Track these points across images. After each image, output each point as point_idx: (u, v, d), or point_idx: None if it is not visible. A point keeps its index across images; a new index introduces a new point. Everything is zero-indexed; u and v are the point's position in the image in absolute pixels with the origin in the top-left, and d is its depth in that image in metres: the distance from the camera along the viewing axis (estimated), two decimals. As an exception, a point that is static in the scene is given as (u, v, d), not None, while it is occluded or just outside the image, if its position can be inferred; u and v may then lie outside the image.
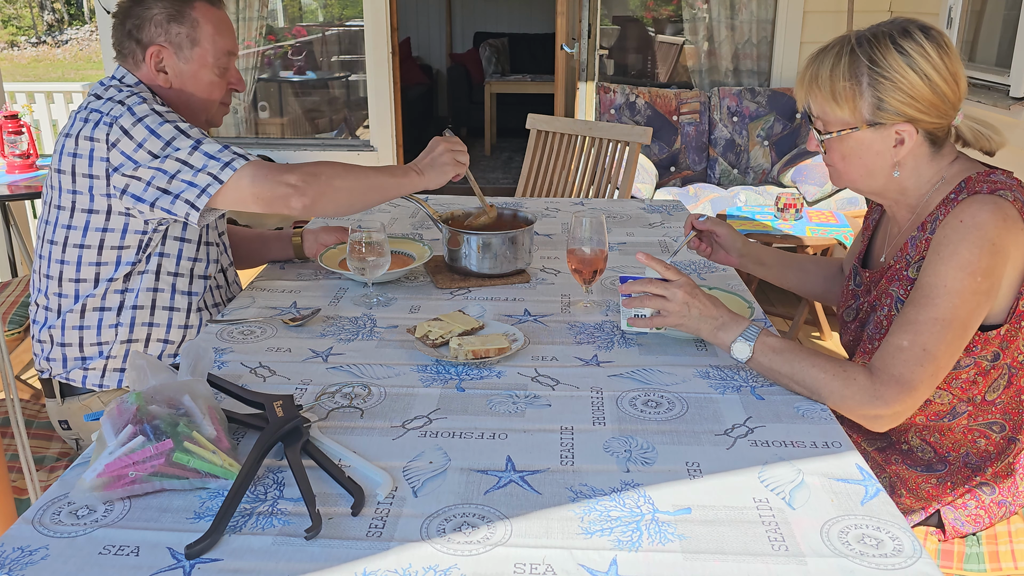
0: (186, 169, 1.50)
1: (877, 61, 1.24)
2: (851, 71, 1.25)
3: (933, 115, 1.26)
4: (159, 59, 1.61)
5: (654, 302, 1.35)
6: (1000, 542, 1.36)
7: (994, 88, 3.41)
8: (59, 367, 1.65)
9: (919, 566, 0.90)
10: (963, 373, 1.30)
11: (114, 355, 1.65)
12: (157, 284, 1.64)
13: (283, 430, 1.11)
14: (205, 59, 1.63)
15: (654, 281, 1.35)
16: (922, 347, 1.20)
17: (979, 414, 1.34)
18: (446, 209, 1.92)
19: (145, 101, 1.54)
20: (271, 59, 5.47)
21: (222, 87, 1.69)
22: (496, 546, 0.94)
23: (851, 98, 1.26)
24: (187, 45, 1.61)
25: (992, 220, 1.19)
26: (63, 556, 0.91)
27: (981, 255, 1.19)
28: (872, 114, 1.26)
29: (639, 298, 1.37)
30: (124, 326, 1.63)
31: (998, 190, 1.22)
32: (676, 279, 1.34)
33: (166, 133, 1.50)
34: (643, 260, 1.38)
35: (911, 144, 1.27)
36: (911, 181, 1.32)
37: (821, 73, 1.28)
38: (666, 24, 6.42)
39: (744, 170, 4.44)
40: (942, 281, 1.20)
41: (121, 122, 1.50)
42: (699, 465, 1.10)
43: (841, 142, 1.31)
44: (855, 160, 1.32)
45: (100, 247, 1.58)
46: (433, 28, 8.46)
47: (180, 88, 1.64)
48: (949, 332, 1.20)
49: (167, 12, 1.59)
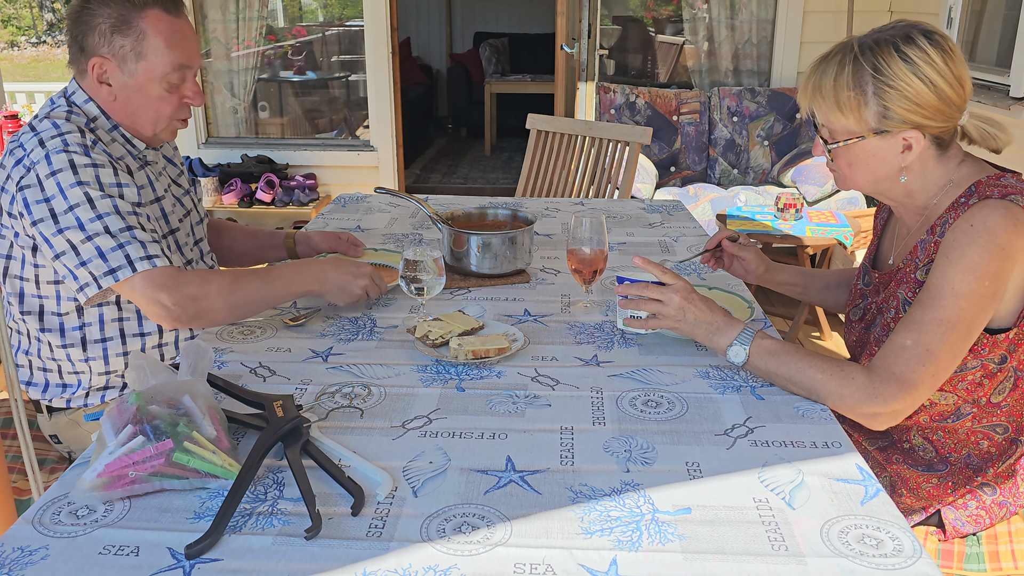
0: (71, 255, 1.40)
1: (881, 70, 1.23)
2: (855, 80, 1.24)
3: (939, 120, 1.25)
4: (102, 71, 1.50)
5: (650, 306, 1.36)
6: (1000, 542, 1.36)
7: (994, 88, 3.41)
8: (40, 392, 1.62)
9: (919, 566, 0.90)
10: (969, 375, 1.30)
11: (95, 384, 1.61)
12: (121, 314, 1.58)
13: (283, 430, 1.11)
14: (152, 73, 1.50)
15: (650, 286, 1.36)
16: (925, 347, 1.20)
17: (984, 416, 1.34)
18: (446, 209, 1.92)
19: (65, 149, 1.42)
20: (271, 59, 5.47)
21: (173, 102, 1.56)
22: (496, 546, 0.94)
23: (856, 107, 1.25)
24: (131, 59, 1.49)
25: (1003, 225, 1.19)
26: (63, 556, 0.91)
27: (990, 259, 1.18)
28: (878, 122, 1.25)
29: (635, 300, 1.37)
30: (97, 359, 1.58)
31: (1009, 195, 1.22)
32: (673, 283, 1.34)
33: (73, 198, 1.40)
34: (640, 264, 1.38)
35: (918, 150, 1.27)
36: (918, 184, 1.32)
37: (824, 83, 1.27)
38: (666, 24, 6.42)
39: (744, 170, 4.44)
40: (949, 283, 1.20)
41: (37, 169, 1.42)
42: (699, 465, 1.10)
43: (848, 150, 1.30)
44: (862, 167, 1.31)
45: (37, 281, 1.53)
46: (433, 28, 8.46)
47: (125, 101, 1.53)
48: (953, 334, 1.20)
49: (111, 22, 1.47)
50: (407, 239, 2.11)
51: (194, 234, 1.76)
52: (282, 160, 4.79)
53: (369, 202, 2.50)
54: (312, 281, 1.54)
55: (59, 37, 14.65)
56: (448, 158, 7.23)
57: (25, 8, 15.03)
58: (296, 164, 4.81)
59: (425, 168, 6.81)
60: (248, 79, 4.95)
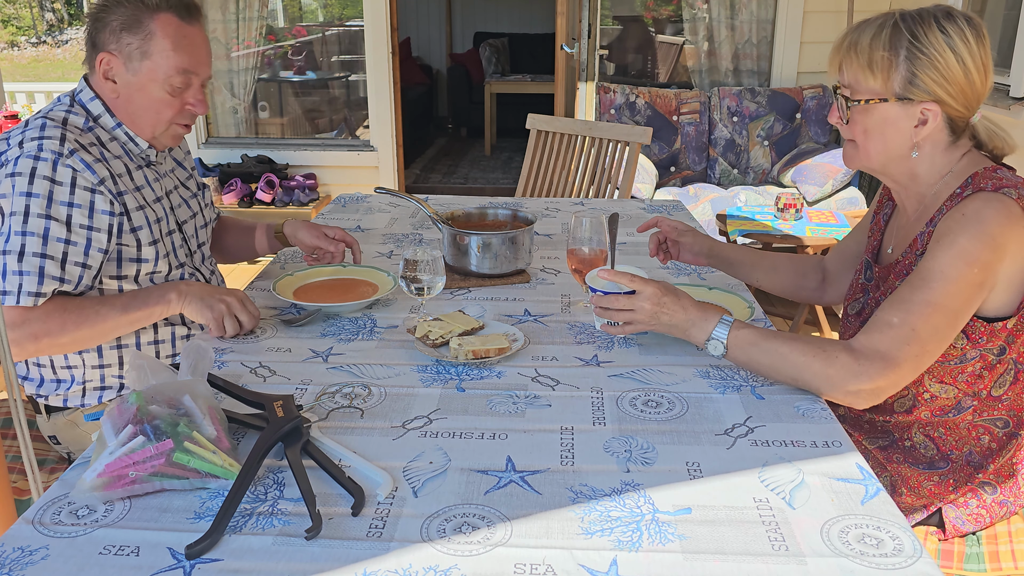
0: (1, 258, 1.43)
1: (919, 36, 1.26)
2: (892, 42, 1.27)
3: (960, 101, 1.27)
4: (108, 67, 1.53)
5: (622, 316, 1.36)
6: (1000, 542, 1.37)
7: (994, 88, 3.41)
8: (36, 387, 1.62)
9: (919, 566, 0.90)
10: (969, 367, 1.30)
11: (89, 379, 1.61)
12: None
13: (283, 430, 1.11)
14: (155, 74, 1.52)
15: (620, 298, 1.35)
16: (911, 327, 1.22)
17: (984, 409, 1.34)
18: (446, 209, 1.92)
19: (36, 155, 1.44)
20: (271, 59, 5.47)
21: (175, 106, 1.56)
22: (496, 546, 0.94)
23: (886, 68, 1.28)
24: (137, 57, 1.51)
25: (995, 216, 1.21)
26: (63, 556, 0.91)
27: (981, 247, 1.20)
28: (903, 88, 1.28)
29: (608, 311, 1.37)
30: (91, 352, 1.59)
31: (1003, 187, 1.24)
32: (642, 290, 1.34)
33: (16, 205, 1.43)
34: (607, 277, 1.37)
35: (933, 126, 1.29)
36: (924, 167, 1.34)
37: (861, 40, 1.30)
38: (666, 24, 6.42)
39: (744, 170, 4.44)
40: (939, 267, 1.22)
41: (7, 166, 1.45)
42: (699, 465, 1.10)
43: (866, 114, 1.32)
44: (876, 135, 1.32)
45: None
46: (433, 28, 8.46)
47: (127, 99, 1.55)
48: (939, 316, 1.22)
49: (123, 20, 1.50)
50: (407, 239, 2.11)
51: (197, 237, 1.76)
52: (282, 160, 4.79)
53: (369, 202, 2.50)
54: (171, 289, 1.52)
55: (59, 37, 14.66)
56: (448, 158, 7.23)
57: (25, 8, 15.03)
58: (296, 164, 4.81)
59: (425, 168, 6.81)
60: (248, 79, 4.95)
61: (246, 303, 1.51)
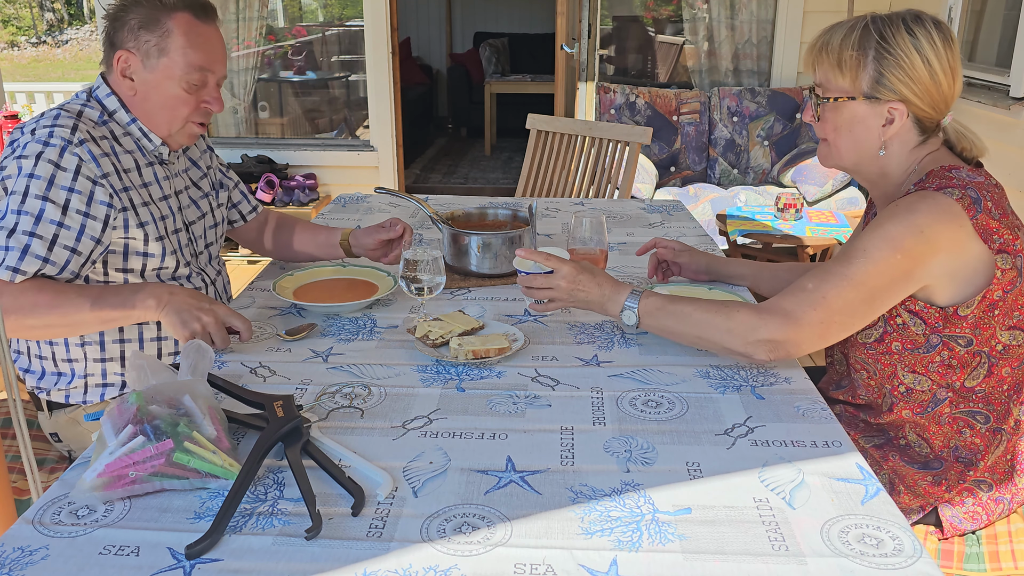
0: None
1: (887, 38, 1.30)
2: (861, 43, 1.32)
3: (926, 102, 1.31)
4: (126, 65, 1.55)
5: (543, 294, 1.43)
6: (1000, 542, 1.37)
7: (994, 88, 3.41)
8: (37, 380, 1.62)
9: (919, 566, 0.90)
10: (935, 355, 1.32)
11: (91, 372, 1.61)
12: None
13: (283, 430, 1.11)
14: (171, 71, 1.54)
15: (538, 277, 1.43)
16: (822, 294, 1.26)
17: (960, 401, 1.35)
18: (446, 209, 1.92)
19: (46, 141, 1.45)
20: (271, 59, 5.47)
21: (191, 103, 1.58)
22: (496, 546, 0.94)
23: (854, 68, 1.32)
24: (154, 54, 1.54)
25: (927, 210, 1.25)
26: (63, 556, 0.91)
27: (905, 233, 1.24)
28: (871, 87, 1.32)
29: (531, 291, 1.44)
30: (93, 345, 1.58)
31: (947, 187, 1.27)
32: (558, 268, 1.41)
33: (17, 185, 1.44)
34: (523, 256, 1.43)
35: (899, 125, 1.33)
36: (892, 165, 1.38)
37: (832, 41, 1.35)
38: (666, 24, 6.42)
39: (744, 170, 4.44)
40: (863, 246, 1.27)
41: (16, 148, 1.47)
42: (699, 465, 1.10)
43: (836, 112, 1.36)
44: (846, 132, 1.37)
45: None
46: (433, 28, 8.46)
47: (144, 97, 1.57)
48: (852, 291, 1.25)
49: (141, 19, 1.53)
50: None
51: (205, 237, 1.76)
52: (282, 160, 4.79)
53: (369, 202, 2.50)
54: (152, 294, 1.46)
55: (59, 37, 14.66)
56: (448, 158, 7.23)
57: (25, 8, 15.04)
58: (296, 164, 4.80)
59: (425, 168, 6.81)
60: (248, 79, 4.95)
61: (231, 318, 1.45)
